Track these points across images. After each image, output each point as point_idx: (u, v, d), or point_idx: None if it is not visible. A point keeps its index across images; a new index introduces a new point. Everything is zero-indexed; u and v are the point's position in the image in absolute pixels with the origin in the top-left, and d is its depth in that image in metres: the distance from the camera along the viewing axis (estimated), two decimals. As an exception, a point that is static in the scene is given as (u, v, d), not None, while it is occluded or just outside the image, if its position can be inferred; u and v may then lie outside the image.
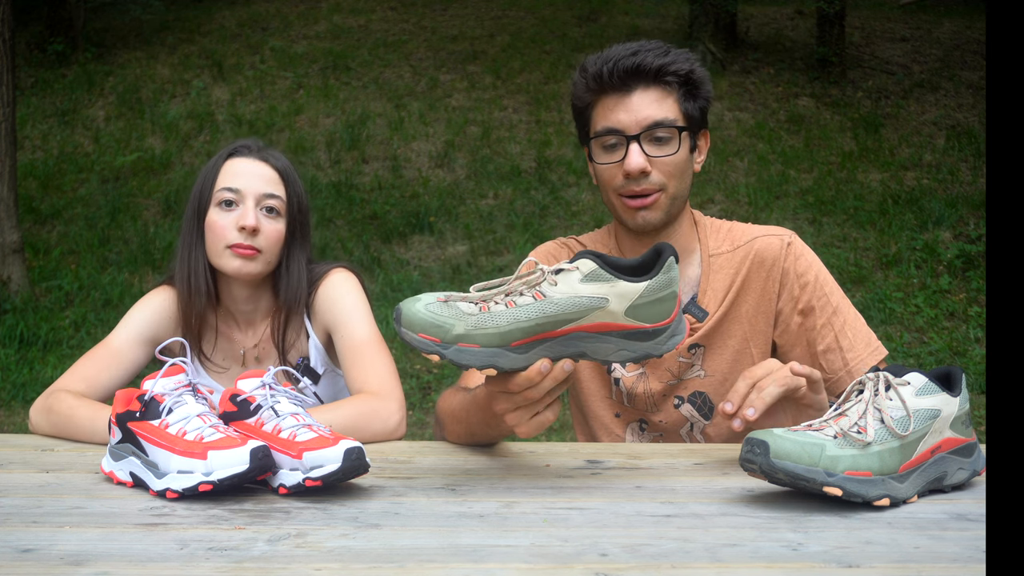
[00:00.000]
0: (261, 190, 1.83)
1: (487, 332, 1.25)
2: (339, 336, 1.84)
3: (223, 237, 1.81)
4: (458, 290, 6.81)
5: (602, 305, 1.27)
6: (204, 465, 1.27)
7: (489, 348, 1.25)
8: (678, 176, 1.73)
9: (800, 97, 9.63)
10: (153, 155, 8.66)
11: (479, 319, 1.25)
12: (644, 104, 1.70)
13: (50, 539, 1.13)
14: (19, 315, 6.43)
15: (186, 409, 1.36)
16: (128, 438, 1.37)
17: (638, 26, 10.94)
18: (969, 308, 6.46)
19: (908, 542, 1.13)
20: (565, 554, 1.08)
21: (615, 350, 1.31)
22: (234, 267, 1.82)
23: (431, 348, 1.25)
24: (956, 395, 1.33)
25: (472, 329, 1.24)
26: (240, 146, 1.89)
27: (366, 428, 1.64)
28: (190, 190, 1.91)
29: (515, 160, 8.58)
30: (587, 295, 1.27)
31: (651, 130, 1.69)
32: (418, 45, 10.68)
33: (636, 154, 1.69)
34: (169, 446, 1.31)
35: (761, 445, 1.23)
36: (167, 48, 10.63)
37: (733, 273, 1.80)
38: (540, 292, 1.27)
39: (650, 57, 1.70)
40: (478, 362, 1.25)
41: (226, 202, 1.82)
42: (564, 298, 1.26)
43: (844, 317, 1.78)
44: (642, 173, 1.69)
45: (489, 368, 1.26)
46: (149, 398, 1.37)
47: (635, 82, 1.70)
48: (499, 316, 1.25)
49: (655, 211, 1.73)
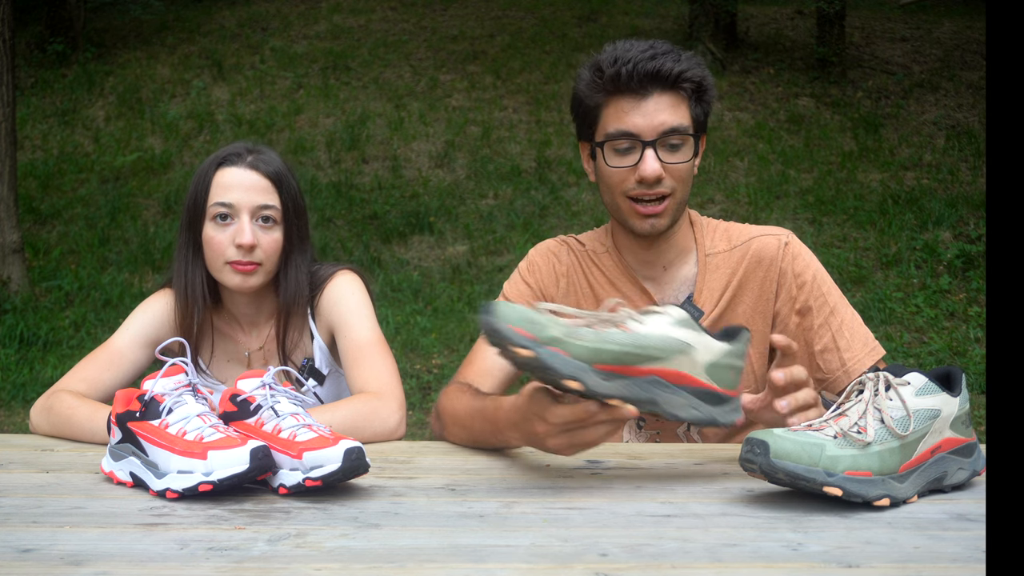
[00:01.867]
0: (255, 202, 1.81)
1: (579, 344, 1.22)
2: (342, 337, 1.84)
3: (221, 254, 1.81)
4: (459, 290, 6.83)
5: (687, 351, 1.29)
6: (204, 465, 1.27)
7: (578, 360, 1.22)
8: (686, 181, 1.74)
9: (800, 97, 9.63)
10: (153, 155, 8.66)
11: (572, 329, 1.23)
12: (660, 109, 1.69)
13: (50, 539, 1.13)
14: (19, 315, 6.43)
15: (186, 409, 1.36)
16: (128, 438, 1.37)
17: (638, 26, 10.94)
18: (969, 308, 6.46)
19: (908, 542, 1.13)
20: (565, 554, 1.08)
21: (685, 406, 1.30)
22: (235, 283, 1.82)
23: (525, 342, 1.20)
24: (956, 395, 1.33)
25: (566, 336, 1.22)
26: (230, 154, 1.85)
27: (366, 428, 1.64)
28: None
29: (515, 160, 8.58)
30: (677, 337, 1.28)
31: (666, 136, 1.69)
32: (418, 45, 10.68)
33: (652, 160, 1.68)
34: (169, 446, 1.31)
35: (761, 445, 1.23)
36: (167, 48, 10.64)
37: (730, 273, 1.80)
38: (627, 327, 1.27)
39: (668, 62, 1.68)
40: (566, 370, 1.21)
41: (220, 216, 1.81)
42: (655, 333, 1.27)
43: (841, 317, 1.78)
44: (660, 178, 1.70)
45: (574, 380, 1.21)
46: (149, 398, 1.37)
47: (653, 86, 1.69)
48: (591, 333, 1.24)
49: (664, 218, 1.73)
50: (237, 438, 1.31)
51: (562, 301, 1.86)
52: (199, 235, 1.84)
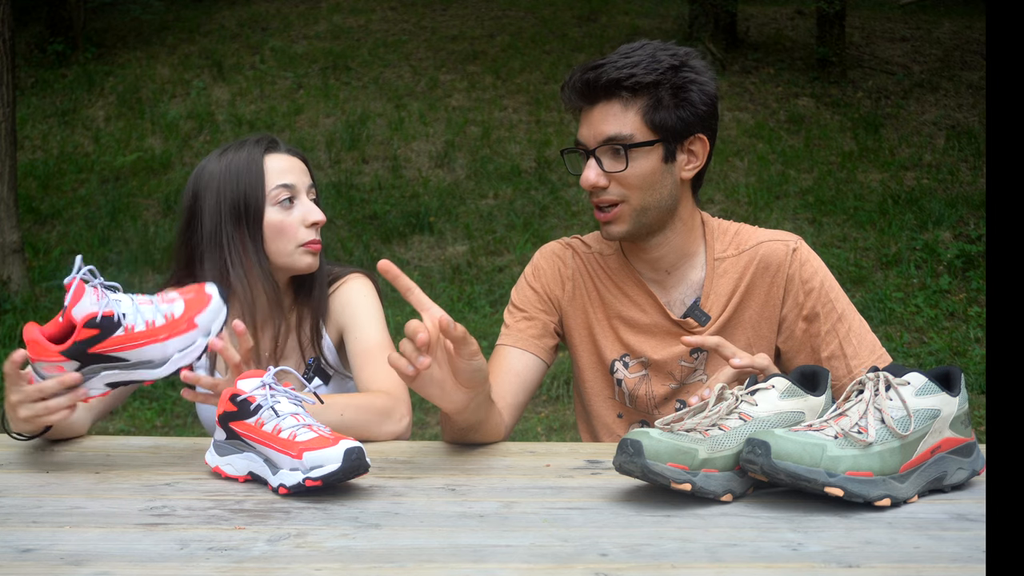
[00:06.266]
0: (307, 181, 1.84)
1: (724, 455, 1.29)
2: (351, 338, 1.85)
3: (295, 237, 1.80)
4: (459, 290, 6.82)
5: (800, 420, 1.35)
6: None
7: (725, 472, 1.28)
8: (643, 188, 1.70)
9: (800, 97, 9.63)
10: (153, 155, 8.66)
11: (713, 443, 1.28)
12: (602, 118, 1.69)
13: (50, 539, 1.13)
14: (19, 315, 6.42)
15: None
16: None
17: (638, 26, 10.94)
18: (969, 308, 6.46)
19: (908, 542, 1.13)
20: (565, 554, 1.08)
21: None
22: (307, 264, 1.82)
23: (682, 477, 1.25)
24: (955, 395, 1.33)
25: (711, 454, 1.27)
26: (270, 141, 1.86)
27: (378, 424, 1.66)
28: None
29: (515, 160, 8.58)
30: (788, 410, 1.35)
31: (606, 144, 1.69)
32: (418, 45, 10.68)
33: (589, 169, 1.70)
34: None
35: (762, 446, 1.23)
36: (167, 48, 10.63)
37: (737, 278, 1.80)
38: (746, 414, 1.32)
39: (611, 70, 1.67)
40: (720, 488, 1.28)
41: (286, 200, 1.80)
42: (770, 415, 1.33)
43: (849, 324, 1.77)
44: (596, 187, 1.70)
45: (728, 495, 1.29)
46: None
47: (595, 96, 1.69)
48: (726, 439, 1.29)
49: (619, 224, 1.72)
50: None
51: (568, 304, 1.86)
52: (256, 226, 1.79)
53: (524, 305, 1.86)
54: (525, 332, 1.83)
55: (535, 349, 1.83)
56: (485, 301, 6.69)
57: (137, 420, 5.25)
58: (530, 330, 1.84)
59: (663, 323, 1.80)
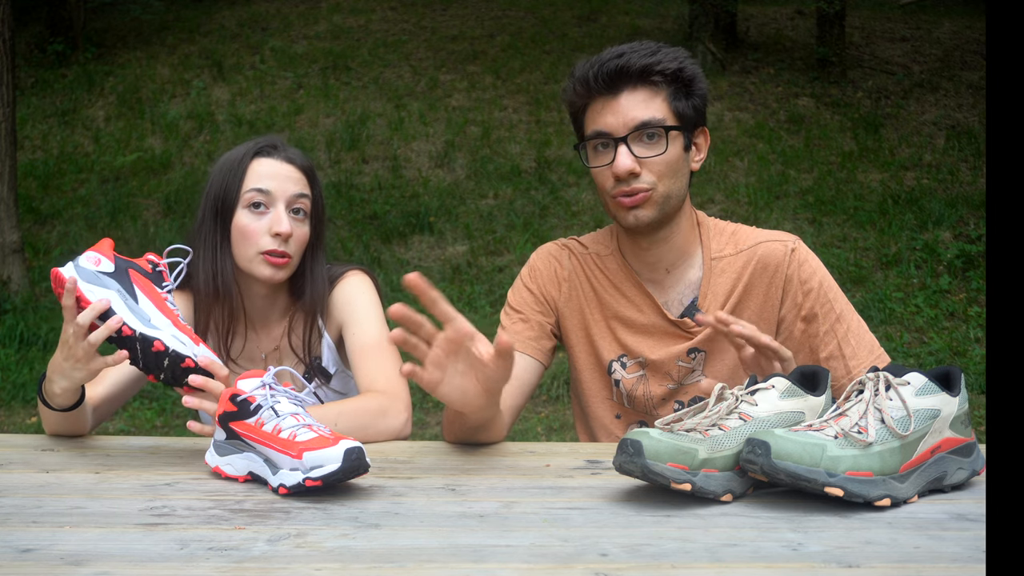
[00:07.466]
0: (290, 191, 1.80)
1: (724, 455, 1.28)
2: (350, 336, 1.85)
3: (255, 243, 1.78)
4: (459, 290, 6.82)
5: (800, 420, 1.35)
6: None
7: (724, 472, 1.28)
8: (670, 175, 1.71)
9: (800, 97, 9.63)
10: (153, 155, 8.66)
11: (713, 442, 1.28)
12: (631, 105, 1.69)
13: (50, 539, 1.13)
14: (19, 315, 6.43)
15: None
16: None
17: (638, 26, 10.94)
18: (969, 308, 6.46)
19: (908, 542, 1.13)
20: (565, 554, 1.08)
21: None
22: (267, 274, 1.79)
23: (682, 477, 1.25)
24: (955, 395, 1.33)
25: (711, 453, 1.27)
26: (266, 145, 1.84)
27: (374, 426, 1.65)
28: (190, 190, 1.89)
29: (515, 160, 8.58)
30: (788, 410, 1.34)
31: (639, 131, 1.69)
32: (418, 45, 10.68)
33: (624, 156, 1.68)
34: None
35: (762, 446, 1.23)
36: (167, 48, 10.63)
37: (735, 277, 1.80)
38: (746, 414, 1.32)
39: (635, 58, 1.69)
40: (720, 488, 1.27)
41: (255, 204, 1.78)
42: (770, 415, 1.33)
43: (847, 324, 1.77)
44: (631, 174, 1.69)
45: (728, 495, 1.28)
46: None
47: (621, 84, 1.70)
48: (726, 439, 1.29)
49: (647, 209, 1.72)
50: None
51: (564, 305, 1.86)
52: (227, 225, 1.80)
53: (520, 307, 1.86)
54: (522, 334, 1.83)
55: (532, 351, 1.83)
56: (485, 301, 6.69)
57: (137, 420, 5.25)
58: (527, 332, 1.84)
59: (660, 323, 1.80)
